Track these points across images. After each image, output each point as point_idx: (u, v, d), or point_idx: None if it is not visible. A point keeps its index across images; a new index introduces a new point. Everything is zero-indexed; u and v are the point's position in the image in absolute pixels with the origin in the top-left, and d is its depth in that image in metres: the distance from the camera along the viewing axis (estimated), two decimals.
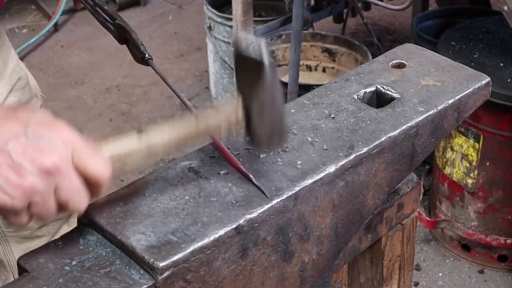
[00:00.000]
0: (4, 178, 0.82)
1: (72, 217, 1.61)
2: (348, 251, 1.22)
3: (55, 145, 0.85)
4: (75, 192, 0.87)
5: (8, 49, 1.50)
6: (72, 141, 0.87)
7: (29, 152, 0.83)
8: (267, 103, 0.96)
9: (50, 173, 0.84)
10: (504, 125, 2.55)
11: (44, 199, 0.85)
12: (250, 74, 0.95)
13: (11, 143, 0.83)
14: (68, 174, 0.86)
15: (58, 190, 0.86)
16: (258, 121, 0.97)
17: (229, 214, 0.97)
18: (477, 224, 2.77)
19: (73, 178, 0.86)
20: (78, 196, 0.87)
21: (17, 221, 0.86)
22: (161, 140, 0.94)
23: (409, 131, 1.15)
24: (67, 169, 0.85)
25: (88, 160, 0.87)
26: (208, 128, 0.96)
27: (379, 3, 3.51)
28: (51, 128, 0.86)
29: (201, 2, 3.87)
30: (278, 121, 0.98)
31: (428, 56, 1.33)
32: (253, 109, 0.97)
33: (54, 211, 0.87)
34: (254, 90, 0.95)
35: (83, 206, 0.89)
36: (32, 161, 0.83)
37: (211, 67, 3.73)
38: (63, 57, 4.43)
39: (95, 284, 0.89)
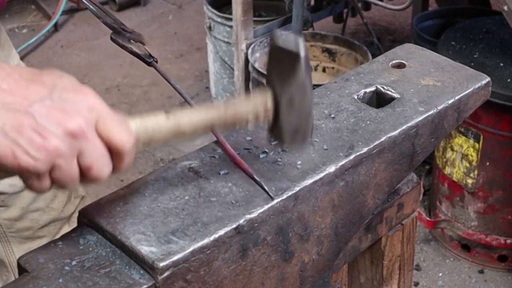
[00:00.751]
0: (28, 140, 0.81)
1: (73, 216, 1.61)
2: (348, 251, 1.22)
3: (81, 109, 0.84)
4: (98, 157, 0.85)
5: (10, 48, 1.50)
6: (98, 107, 0.85)
7: (54, 115, 0.82)
8: (298, 96, 0.95)
9: (75, 136, 0.83)
10: (504, 125, 2.55)
11: (67, 163, 0.83)
12: (284, 66, 0.94)
13: (36, 105, 0.82)
14: (92, 139, 0.84)
15: (81, 154, 0.84)
16: (286, 115, 0.96)
17: (229, 214, 0.97)
18: (477, 224, 2.77)
19: (97, 143, 0.85)
20: (102, 162, 0.86)
21: (38, 185, 0.84)
22: (188, 121, 0.93)
23: (409, 131, 1.15)
24: (92, 134, 0.84)
25: (112, 128, 0.85)
26: (236, 116, 0.95)
27: (379, 3, 3.51)
28: (77, 93, 0.85)
29: (201, 2, 3.87)
30: (306, 117, 0.97)
31: (428, 56, 1.33)
32: (282, 102, 0.96)
33: (77, 176, 0.85)
34: (286, 82, 0.95)
35: (105, 173, 0.87)
36: (57, 123, 0.82)
37: (211, 67, 3.73)
38: (63, 57, 4.43)
39: (95, 284, 0.89)
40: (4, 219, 1.49)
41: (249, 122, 0.97)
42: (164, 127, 0.92)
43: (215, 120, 0.94)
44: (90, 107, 0.85)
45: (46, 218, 1.55)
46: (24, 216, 1.51)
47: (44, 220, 1.55)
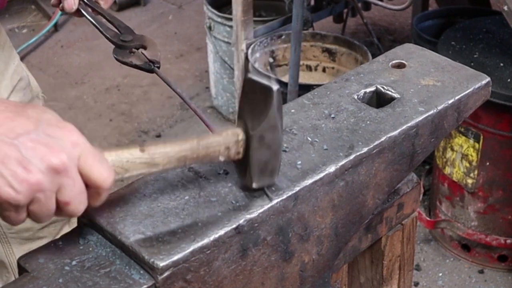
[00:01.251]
0: (12, 172, 0.82)
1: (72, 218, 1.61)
2: (348, 251, 1.22)
3: (65, 145, 0.85)
4: (77, 194, 0.87)
5: (10, 49, 1.50)
6: (80, 144, 0.87)
7: (39, 149, 0.83)
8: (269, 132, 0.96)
9: (57, 172, 0.84)
10: (504, 125, 2.55)
11: (47, 197, 0.85)
12: (257, 101, 0.95)
13: (22, 138, 0.83)
14: (73, 175, 0.86)
15: (61, 190, 0.86)
16: (256, 150, 0.97)
17: (229, 214, 0.97)
18: (477, 224, 2.77)
19: (77, 180, 0.87)
20: (79, 198, 0.88)
21: (14, 217, 0.86)
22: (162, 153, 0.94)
23: (409, 131, 1.15)
24: (73, 170, 0.86)
25: (94, 166, 0.87)
26: (208, 149, 0.97)
27: (379, 3, 3.51)
28: (61, 128, 0.87)
29: (201, 2, 3.87)
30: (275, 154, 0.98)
31: (428, 56, 1.33)
32: (253, 137, 0.97)
33: (53, 211, 0.87)
34: (258, 118, 0.96)
35: (81, 210, 0.89)
36: (41, 158, 0.83)
37: (211, 67, 3.73)
38: (63, 57, 4.43)
39: (95, 284, 0.89)
40: None
41: (220, 155, 0.98)
42: (139, 160, 0.93)
43: (188, 153, 0.95)
44: (74, 143, 0.86)
45: None
46: None
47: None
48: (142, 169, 0.94)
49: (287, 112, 1.18)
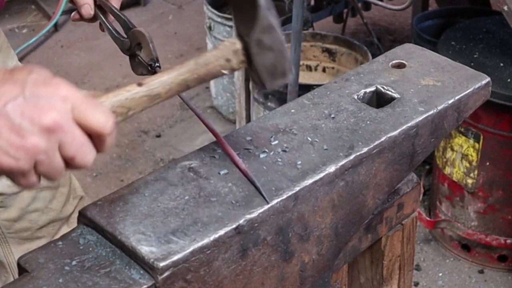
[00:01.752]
0: (6, 141, 0.82)
1: (72, 216, 1.61)
2: (348, 251, 1.22)
3: (54, 102, 0.84)
4: (80, 146, 0.86)
5: (8, 49, 1.50)
6: (70, 96, 0.86)
7: (28, 112, 0.82)
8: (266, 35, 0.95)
9: (52, 131, 0.83)
10: (504, 125, 2.55)
11: (49, 157, 0.84)
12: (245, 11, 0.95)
13: (9, 105, 0.82)
14: (70, 130, 0.85)
15: (62, 146, 0.85)
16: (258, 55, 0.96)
17: (229, 214, 0.97)
18: (477, 224, 2.77)
19: (76, 133, 0.85)
20: (84, 150, 0.86)
21: (26, 182, 0.85)
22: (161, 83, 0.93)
23: (409, 131, 1.15)
24: (69, 125, 0.85)
25: (89, 114, 0.86)
26: (208, 65, 0.95)
27: (379, 3, 3.51)
28: (48, 86, 0.85)
29: (201, 2, 3.87)
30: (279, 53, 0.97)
31: (428, 56, 1.33)
32: (251, 43, 0.96)
33: (62, 168, 0.86)
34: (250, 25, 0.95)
35: (90, 160, 0.87)
36: (32, 120, 0.82)
37: None
38: (63, 57, 4.43)
39: (95, 284, 0.89)
40: (3, 220, 1.49)
41: (222, 68, 0.96)
42: (138, 94, 0.92)
43: (188, 75, 0.94)
44: (63, 97, 0.85)
45: (45, 218, 1.55)
46: (22, 216, 1.51)
47: (43, 221, 1.55)
48: (144, 103, 0.92)
49: (287, 112, 1.18)
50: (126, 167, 3.48)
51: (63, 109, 0.84)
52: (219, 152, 1.08)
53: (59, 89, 0.86)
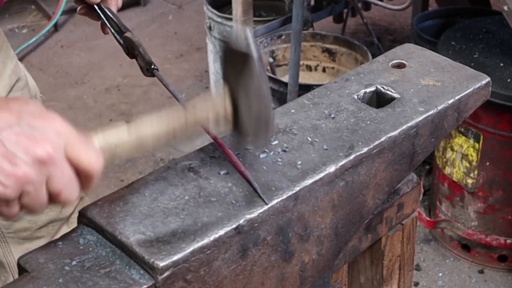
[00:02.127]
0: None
1: (72, 217, 1.61)
2: (348, 251, 1.22)
3: (48, 135, 0.85)
4: (67, 182, 0.86)
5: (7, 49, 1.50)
6: (65, 132, 0.86)
7: (23, 141, 0.83)
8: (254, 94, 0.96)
9: (43, 163, 0.84)
10: (504, 125, 2.55)
11: (36, 189, 0.84)
12: (238, 66, 0.95)
13: (5, 132, 0.83)
14: (61, 164, 0.85)
15: (50, 180, 0.85)
16: (245, 112, 0.97)
17: (229, 214, 0.97)
18: (477, 224, 2.77)
19: (66, 169, 0.86)
20: (70, 187, 0.87)
21: (7, 211, 0.85)
22: (150, 132, 0.93)
23: (409, 131, 1.15)
24: (60, 159, 0.85)
25: (81, 152, 0.87)
26: (197, 119, 0.95)
27: (379, 3, 3.51)
28: (44, 119, 0.86)
29: (201, 2, 3.87)
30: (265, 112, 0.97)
31: (428, 56, 1.33)
32: (240, 100, 0.97)
33: (45, 202, 0.86)
34: (241, 81, 0.96)
35: (74, 197, 0.88)
36: (25, 150, 0.83)
37: (211, 67, 3.73)
38: (63, 57, 4.43)
39: (95, 284, 0.89)
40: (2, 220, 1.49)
41: (210, 121, 0.97)
42: (127, 142, 0.92)
43: (176, 128, 0.94)
44: (58, 132, 0.86)
45: (45, 218, 1.55)
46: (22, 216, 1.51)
47: (42, 221, 1.55)
48: (131, 152, 0.93)
49: (287, 112, 1.18)
50: (126, 167, 3.48)
51: (56, 143, 0.85)
52: (219, 152, 1.08)
53: (54, 123, 0.86)
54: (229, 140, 1.09)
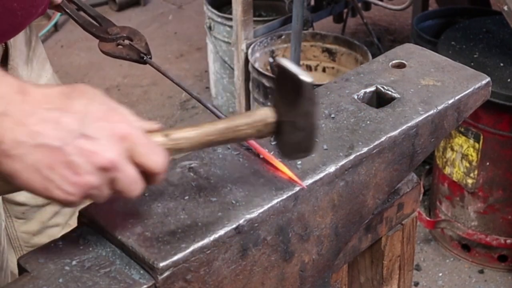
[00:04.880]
0: (61, 176, 0.83)
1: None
2: (348, 251, 1.22)
3: (112, 142, 0.85)
4: (131, 183, 0.87)
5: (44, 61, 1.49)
6: (129, 135, 0.86)
7: (86, 151, 0.83)
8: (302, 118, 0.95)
9: (107, 170, 0.84)
10: (504, 125, 2.55)
11: (99, 191, 0.86)
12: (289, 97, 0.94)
13: (68, 141, 0.83)
14: (124, 168, 0.86)
15: (114, 182, 0.86)
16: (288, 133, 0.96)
17: (229, 214, 0.97)
18: (477, 224, 2.77)
19: (129, 171, 0.86)
20: (134, 185, 0.88)
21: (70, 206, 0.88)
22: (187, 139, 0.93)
23: (409, 131, 1.15)
24: (123, 164, 0.85)
25: (145, 155, 0.87)
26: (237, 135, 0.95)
27: (379, 3, 3.51)
28: (108, 121, 0.85)
29: (201, 2, 3.87)
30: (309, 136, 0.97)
31: (428, 56, 1.33)
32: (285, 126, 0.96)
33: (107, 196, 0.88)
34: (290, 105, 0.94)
35: (137, 193, 0.89)
36: (88, 160, 0.83)
37: (211, 67, 3.73)
38: (63, 57, 4.43)
39: (95, 284, 0.89)
40: (22, 232, 1.48)
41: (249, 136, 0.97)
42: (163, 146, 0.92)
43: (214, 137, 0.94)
44: (122, 137, 0.85)
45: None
46: (42, 231, 1.50)
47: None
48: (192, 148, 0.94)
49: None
50: None
51: (120, 149, 0.85)
52: (219, 152, 1.08)
53: (119, 126, 0.86)
54: None
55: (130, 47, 1.23)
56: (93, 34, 1.28)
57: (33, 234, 1.49)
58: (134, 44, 1.24)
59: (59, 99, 0.85)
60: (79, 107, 0.85)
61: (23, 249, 1.50)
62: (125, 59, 1.24)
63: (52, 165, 0.82)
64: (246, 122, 0.95)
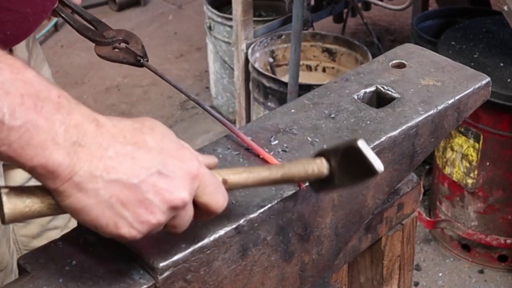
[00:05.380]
0: (134, 214, 0.81)
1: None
2: (348, 251, 1.22)
3: (186, 181, 0.84)
4: (187, 221, 0.87)
5: (42, 62, 1.49)
6: (199, 176, 0.85)
7: (161, 190, 0.81)
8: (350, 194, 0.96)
9: (177, 209, 0.84)
10: (504, 125, 2.55)
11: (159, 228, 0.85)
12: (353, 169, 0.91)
13: (143, 177, 0.81)
14: (189, 208, 0.85)
15: (174, 218, 0.85)
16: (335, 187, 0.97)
17: (229, 214, 0.97)
18: (477, 224, 2.77)
19: (190, 210, 0.86)
20: (187, 224, 0.87)
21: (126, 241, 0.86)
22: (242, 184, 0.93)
23: (409, 131, 1.15)
24: (190, 204, 0.85)
25: (211, 196, 0.87)
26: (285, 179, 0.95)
27: (379, 3, 3.51)
28: (181, 160, 0.84)
29: (201, 2, 3.87)
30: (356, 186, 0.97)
31: (428, 56, 1.33)
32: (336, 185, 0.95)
33: None
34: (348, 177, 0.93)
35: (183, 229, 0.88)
36: (163, 199, 0.82)
37: (211, 67, 3.73)
38: (63, 57, 4.43)
39: (95, 284, 0.89)
40: (22, 236, 1.48)
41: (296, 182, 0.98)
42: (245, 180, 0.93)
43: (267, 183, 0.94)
44: (193, 176, 0.85)
45: None
46: (42, 234, 1.49)
47: None
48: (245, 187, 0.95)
49: (287, 112, 1.18)
50: None
51: (192, 190, 0.84)
52: (219, 152, 1.08)
53: (191, 166, 0.85)
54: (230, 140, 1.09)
55: (127, 50, 1.23)
56: (89, 38, 1.28)
57: (33, 237, 1.49)
58: (130, 47, 1.24)
59: (133, 134, 0.83)
60: (153, 144, 0.83)
61: (22, 252, 1.50)
62: (121, 62, 1.24)
63: (126, 202, 0.80)
64: (302, 176, 0.95)
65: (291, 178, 0.94)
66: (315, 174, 0.94)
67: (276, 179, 0.93)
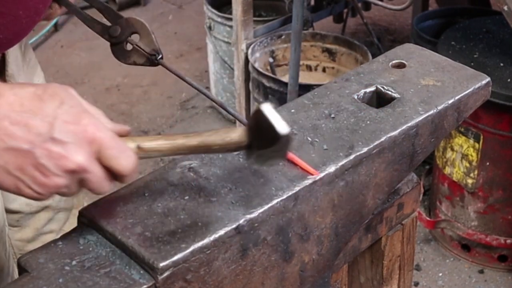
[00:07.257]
0: (30, 177, 0.87)
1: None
2: (348, 251, 1.22)
3: (81, 145, 0.88)
4: (99, 182, 0.90)
5: (35, 65, 1.50)
6: (98, 138, 0.89)
7: (54, 155, 0.86)
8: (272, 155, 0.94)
9: (75, 172, 0.88)
10: (504, 125, 2.55)
11: (69, 189, 0.90)
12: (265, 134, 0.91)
13: (37, 143, 0.86)
14: (93, 170, 0.89)
15: (82, 182, 0.90)
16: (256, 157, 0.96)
17: (229, 214, 0.97)
18: (477, 224, 2.77)
19: (97, 172, 0.89)
20: (102, 184, 0.91)
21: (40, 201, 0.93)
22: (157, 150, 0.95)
23: (409, 131, 1.15)
24: (92, 166, 0.89)
25: (113, 158, 0.90)
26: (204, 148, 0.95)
27: (379, 3, 3.51)
28: (78, 125, 0.88)
29: (201, 2, 3.87)
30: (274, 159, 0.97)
31: (428, 56, 1.33)
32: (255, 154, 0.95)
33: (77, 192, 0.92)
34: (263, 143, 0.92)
35: (106, 190, 0.92)
36: (57, 163, 0.87)
37: (211, 67, 3.73)
38: (63, 57, 4.43)
39: (95, 284, 0.89)
40: (17, 240, 1.48)
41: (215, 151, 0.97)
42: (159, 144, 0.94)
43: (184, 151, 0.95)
44: (90, 140, 0.88)
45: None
46: (37, 238, 1.50)
47: None
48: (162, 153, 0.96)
49: (287, 112, 1.18)
50: None
51: (88, 152, 0.88)
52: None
53: (88, 130, 0.88)
54: None
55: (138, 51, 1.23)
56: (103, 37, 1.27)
57: (28, 241, 1.49)
58: (142, 45, 1.24)
59: (31, 101, 0.88)
60: (49, 110, 0.87)
61: (17, 256, 1.50)
62: (136, 64, 1.25)
63: (21, 167, 0.86)
64: (220, 144, 0.95)
65: (208, 146, 0.94)
66: (234, 142, 0.94)
67: (192, 146, 0.94)
